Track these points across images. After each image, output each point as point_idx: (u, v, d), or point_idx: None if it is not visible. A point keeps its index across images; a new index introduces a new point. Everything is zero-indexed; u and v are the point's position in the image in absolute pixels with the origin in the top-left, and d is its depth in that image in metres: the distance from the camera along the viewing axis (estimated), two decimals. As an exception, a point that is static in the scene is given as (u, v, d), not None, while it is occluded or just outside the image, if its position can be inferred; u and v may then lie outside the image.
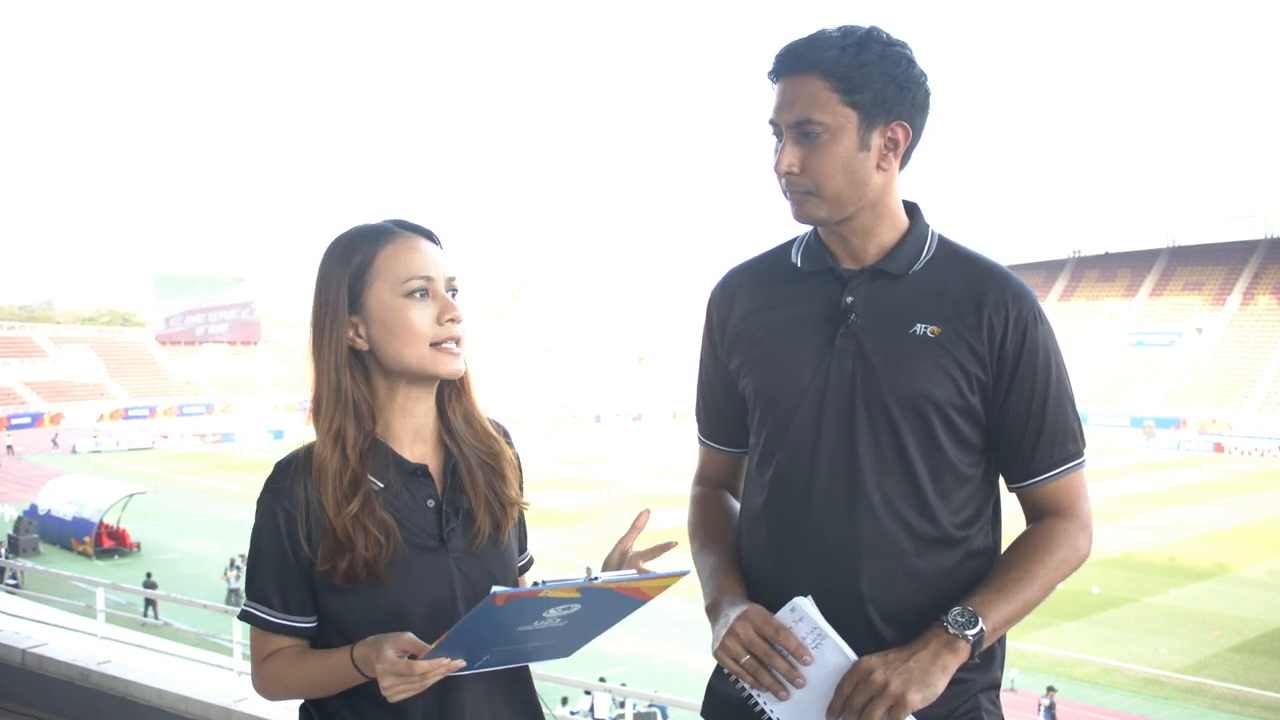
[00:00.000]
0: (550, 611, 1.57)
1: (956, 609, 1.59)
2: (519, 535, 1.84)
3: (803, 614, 1.61)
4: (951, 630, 1.57)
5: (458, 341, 1.68)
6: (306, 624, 1.66)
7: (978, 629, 1.58)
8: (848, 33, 1.63)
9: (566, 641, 1.65)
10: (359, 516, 1.60)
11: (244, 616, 1.67)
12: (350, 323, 1.65)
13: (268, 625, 1.65)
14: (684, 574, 1.64)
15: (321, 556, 1.61)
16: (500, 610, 1.53)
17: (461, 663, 1.53)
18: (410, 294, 1.64)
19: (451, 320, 1.66)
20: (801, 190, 1.67)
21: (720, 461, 1.94)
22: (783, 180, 1.68)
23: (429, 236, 1.71)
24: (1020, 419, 1.69)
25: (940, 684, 1.55)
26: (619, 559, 1.75)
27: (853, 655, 1.58)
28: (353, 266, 1.65)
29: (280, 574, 1.64)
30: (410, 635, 1.55)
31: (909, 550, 1.66)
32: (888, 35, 1.65)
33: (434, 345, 1.65)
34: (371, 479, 1.65)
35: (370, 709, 1.60)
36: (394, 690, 1.52)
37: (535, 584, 1.57)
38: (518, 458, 1.82)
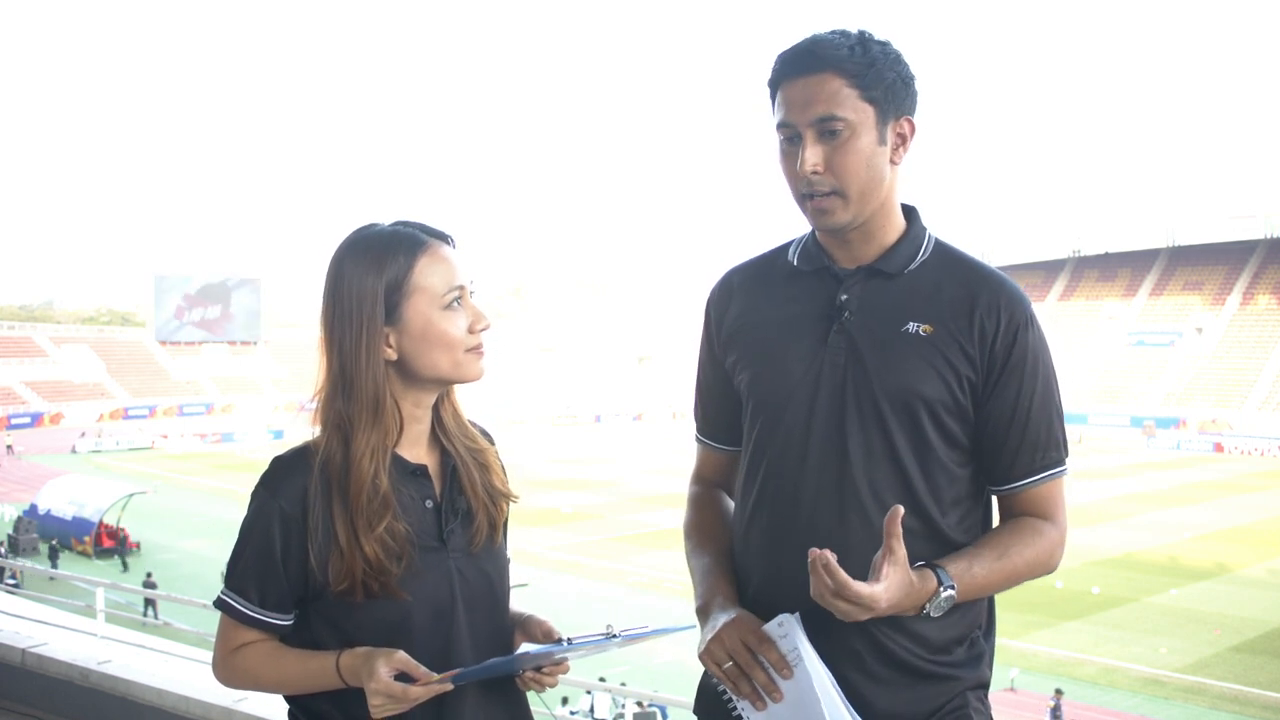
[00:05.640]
0: (559, 656, 1.62)
1: (946, 590, 1.59)
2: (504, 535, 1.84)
3: (788, 630, 1.61)
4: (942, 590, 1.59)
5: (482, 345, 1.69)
6: (282, 621, 1.65)
7: (950, 593, 1.59)
8: (845, 34, 1.65)
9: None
10: (381, 536, 1.59)
11: (219, 605, 1.66)
12: (384, 334, 1.63)
13: (242, 617, 1.65)
14: (692, 628, 1.71)
15: (335, 577, 1.59)
16: (519, 659, 1.58)
17: (450, 686, 1.56)
18: (447, 306, 1.65)
19: (483, 328, 1.68)
20: (825, 192, 1.65)
21: (718, 460, 1.94)
22: (803, 183, 1.66)
23: (448, 240, 1.70)
24: (1003, 422, 1.69)
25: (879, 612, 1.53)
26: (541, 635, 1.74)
27: (827, 679, 1.58)
28: (387, 278, 1.62)
29: (263, 571, 1.63)
30: (403, 655, 1.55)
31: None
32: (876, 36, 1.68)
33: (466, 351, 1.66)
34: None
35: (361, 710, 1.58)
36: (382, 709, 1.53)
37: (560, 641, 1.63)
38: (498, 454, 1.82)
